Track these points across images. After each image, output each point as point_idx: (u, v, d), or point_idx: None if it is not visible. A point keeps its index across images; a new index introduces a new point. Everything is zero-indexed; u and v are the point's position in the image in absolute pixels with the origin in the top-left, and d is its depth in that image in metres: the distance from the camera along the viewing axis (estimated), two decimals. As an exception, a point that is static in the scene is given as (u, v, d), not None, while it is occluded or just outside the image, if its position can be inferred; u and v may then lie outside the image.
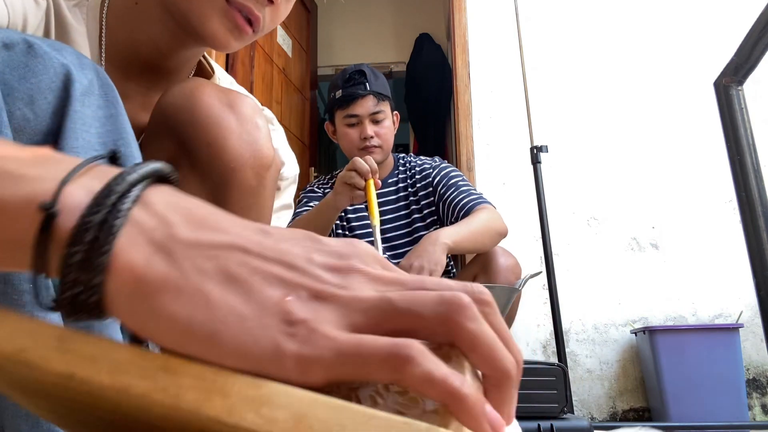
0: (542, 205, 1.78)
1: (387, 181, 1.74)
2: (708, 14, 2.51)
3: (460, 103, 2.52)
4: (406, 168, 1.76)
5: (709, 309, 2.24)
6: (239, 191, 0.64)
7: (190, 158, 0.64)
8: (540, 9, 2.57)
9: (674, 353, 1.91)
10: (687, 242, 2.31)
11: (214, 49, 0.68)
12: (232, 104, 0.64)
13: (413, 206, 1.71)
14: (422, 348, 0.23)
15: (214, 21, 0.64)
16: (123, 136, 0.53)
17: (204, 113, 0.63)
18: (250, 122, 0.65)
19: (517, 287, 1.15)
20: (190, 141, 0.63)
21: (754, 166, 1.03)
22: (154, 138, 0.67)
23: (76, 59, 0.51)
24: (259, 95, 2.71)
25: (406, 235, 1.71)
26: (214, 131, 0.62)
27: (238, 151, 0.63)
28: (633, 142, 2.43)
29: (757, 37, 0.98)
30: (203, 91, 0.64)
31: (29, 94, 0.46)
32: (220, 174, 0.63)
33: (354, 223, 1.72)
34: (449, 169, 1.73)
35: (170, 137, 0.65)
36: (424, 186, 1.71)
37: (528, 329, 2.26)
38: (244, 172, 0.63)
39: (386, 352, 0.22)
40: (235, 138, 0.63)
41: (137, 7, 0.67)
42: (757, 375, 2.16)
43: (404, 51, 3.83)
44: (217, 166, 0.63)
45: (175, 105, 0.64)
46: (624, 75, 2.50)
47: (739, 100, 1.05)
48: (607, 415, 2.17)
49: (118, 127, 0.53)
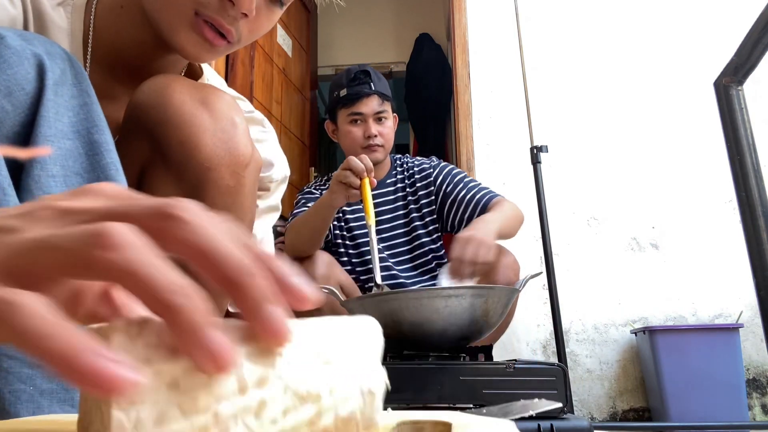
0: (542, 205, 1.79)
1: (385, 182, 1.74)
2: (708, 14, 2.51)
3: (460, 103, 2.53)
4: (404, 169, 1.77)
5: (709, 309, 2.24)
6: (216, 191, 0.61)
7: (164, 158, 0.62)
8: (540, 9, 2.57)
9: (674, 353, 1.91)
10: (687, 242, 2.31)
11: (187, 59, 0.67)
12: (206, 101, 0.62)
13: (411, 206, 1.71)
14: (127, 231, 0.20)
15: (182, 33, 0.63)
16: (96, 123, 0.53)
17: (176, 111, 0.60)
18: (225, 119, 0.62)
19: (517, 287, 1.15)
20: (163, 140, 0.61)
21: (754, 166, 1.03)
22: (129, 137, 0.65)
23: (46, 48, 0.51)
24: (259, 95, 2.71)
25: (405, 235, 1.72)
26: (186, 129, 0.60)
27: (213, 149, 0.61)
28: (633, 142, 2.43)
29: (757, 37, 0.98)
30: (175, 88, 0.62)
31: (6, 86, 0.46)
32: (195, 174, 0.60)
33: (352, 224, 1.72)
34: (450, 167, 1.74)
35: (143, 136, 0.63)
36: (425, 186, 1.71)
37: (528, 329, 2.27)
38: (219, 172, 0.61)
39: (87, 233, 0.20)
40: (209, 136, 0.61)
41: (122, 10, 0.67)
42: (757, 375, 2.16)
43: (404, 51, 3.84)
44: (191, 166, 0.60)
45: (147, 103, 0.62)
46: (624, 75, 2.50)
47: (739, 100, 1.05)
48: (607, 415, 2.18)
49: (92, 116, 0.53)
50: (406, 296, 1.05)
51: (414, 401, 0.99)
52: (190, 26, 0.62)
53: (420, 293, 1.06)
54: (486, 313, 1.07)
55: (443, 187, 1.68)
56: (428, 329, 1.05)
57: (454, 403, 1.01)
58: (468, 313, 1.05)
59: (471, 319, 1.06)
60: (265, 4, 0.66)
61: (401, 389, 0.99)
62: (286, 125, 3.01)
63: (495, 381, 0.99)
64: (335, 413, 0.25)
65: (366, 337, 0.28)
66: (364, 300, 1.12)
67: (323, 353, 0.26)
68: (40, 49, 0.50)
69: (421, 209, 1.70)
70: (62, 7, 0.66)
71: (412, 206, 1.71)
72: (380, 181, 1.72)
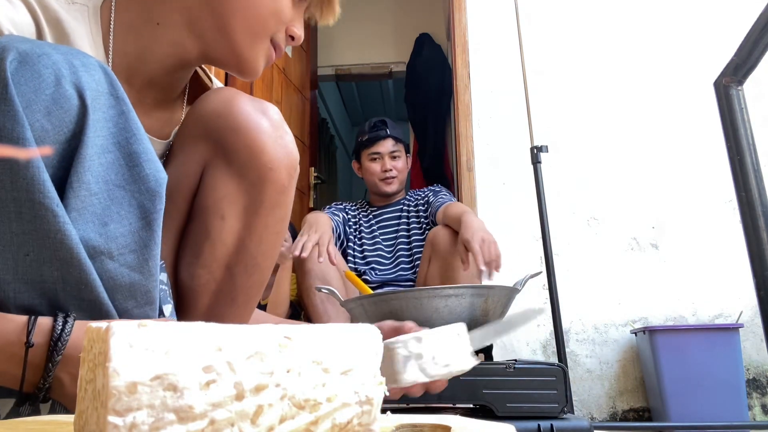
0: (542, 205, 1.78)
1: (398, 201, 2.16)
2: (708, 14, 2.51)
3: (460, 103, 2.52)
4: (413, 196, 2.16)
5: (709, 309, 2.24)
6: (274, 189, 0.70)
7: (227, 159, 0.69)
8: (540, 9, 2.57)
9: (674, 353, 1.91)
10: (687, 242, 2.31)
11: (241, 78, 0.75)
12: (265, 111, 0.71)
13: (403, 227, 2.08)
14: None
15: (259, 54, 0.72)
16: (134, 132, 0.55)
17: (242, 118, 0.68)
18: (281, 128, 0.71)
19: (517, 287, 1.14)
20: (228, 144, 0.68)
21: (754, 166, 1.03)
22: (189, 141, 0.72)
23: (82, 61, 0.52)
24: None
25: (405, 237, 2.06)
26: (252, 135, 0.68)
27: (275, 153, 0.69)
28: (633, 142, 2.43)
29: (757, 37, 0.98)
30: (240, 99, 0.69)
31: (45, 105, 0.48)
32: (258, 173, 0.69)
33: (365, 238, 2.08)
34: (438, 188, 2.13)
35: (206, 140, 0.70)
36: (425, 203, 2.08)
37: (528, 329, 2.26)
38: (279, 172, 0.70)
39: None
40: (272, 142, 0.69)
41: (158, 26, 0.69)
42: (757, 375, 2.15)
43: (404, 51, 3.83)
44: (255, 167, 0.68)
45: (215, 111, 0.69)
46: (624, 75, 2.49)
47: (739, 100, 1.05)
48: (607, 415, 2.17)
49: (129, 125, 0.55)
50: (405, 296, 1.05)
51: (414, 401, 0.99)
52: (265, 50, 0.73)
53: (420, 293, 1.06)
54: (486, 313, 1.07)
55: (429, 199, 2.07)
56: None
57: (454, 403, 1.01)
58: (468, 312, 1.05)
59: (471, 318, 1.05)
60: None
61: (401, 390, 0.98)
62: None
63: (495, 381, 0.99)
64: (332, 421, 0.25)
65: (365, 345, 0.28)
66: (363, 300, 1.12)
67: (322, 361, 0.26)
68: (77, 63, 0.51)
69: (411, 230, 2.07)
70: (77, 9, 0.66)
71: (403, 227, 2.10)
72: (392, 202, 2.16)
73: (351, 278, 1.39)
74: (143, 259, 0.55)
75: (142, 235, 0.55)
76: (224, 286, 0.70)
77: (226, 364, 0.24)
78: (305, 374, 0.25)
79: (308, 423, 0.24)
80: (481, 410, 1.00)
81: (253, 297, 0.74)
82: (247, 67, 0.72)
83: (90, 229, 0.51)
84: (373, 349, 0.28)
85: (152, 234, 0.55)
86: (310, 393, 0.24)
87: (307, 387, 0.25)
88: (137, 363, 0.21)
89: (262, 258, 0.72)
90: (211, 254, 0.70)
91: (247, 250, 0.70)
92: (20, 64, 0.47)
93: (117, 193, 0.53)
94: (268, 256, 0.73)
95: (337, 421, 0.25)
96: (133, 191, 0.54)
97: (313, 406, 0.24)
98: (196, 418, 0.21)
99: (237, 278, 0.71)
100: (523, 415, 0.97)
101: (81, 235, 0.50)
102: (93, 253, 0.51)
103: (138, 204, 0.54)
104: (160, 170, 0.57)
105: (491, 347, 1.23)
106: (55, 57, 0.49)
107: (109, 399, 0.20)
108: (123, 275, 0.54)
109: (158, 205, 0.56)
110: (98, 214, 0.51)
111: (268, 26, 0.71)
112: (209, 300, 0.70)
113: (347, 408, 0.26)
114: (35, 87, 0.47)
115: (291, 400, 0.24)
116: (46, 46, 0.50)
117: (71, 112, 0.49)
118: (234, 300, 0.71)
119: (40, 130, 0.47)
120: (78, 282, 0.50)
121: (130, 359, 0.21)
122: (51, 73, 0.48)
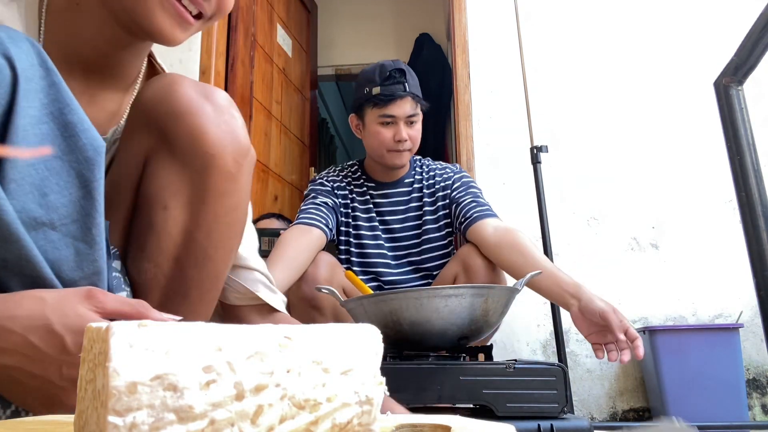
0: (542, 205, 1.78)
1: (403, 180, 1.73)
2: (708, 14, 2.51)
3: (460, 103, 2.52)
4: (422, 170, 1.76)
5: (709, 309, 2.24)
6: (219, 176, 0.66)
7: (170, 147, 0.66)
8: (540, 9, 2.57)
9: (674, 353, 1.91)
10: (687, 242, 2.31)
11: (162, 44, 0.69)
12: (209, 95, 0.67)
13: (426, 207, 1.69)
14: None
15: (156, 15, 0.65)
16: (68, 103, 0.54)
17: (183, 103, 0.65)
18: (226, 112, 0.68)
19: (517, 287, 1.14)
20: (170, 130, 0.65)
21: (754, 166, 1.03)
22: (133, 131, 0.69)
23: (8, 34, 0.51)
24: (259, 95, 2.71)
25: (414, 228, 1.69)
26: (194, 120, 0.65)
27: (218, 138, 0.66)
28: (633, 142, 2.43)
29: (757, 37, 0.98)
30: (181, 84, 0.66)
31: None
32: (201, 160, 0.65)
33: (361, 224, 1.70)
34: (468, 177, 1.74)
35: (149, 129, 0.67)
36: (444, 188, 1.70)
37: (528, 329, 2.26)
38: (224, 158, 0.66)
39: None
40: (214, 126, 0.66)
41: (78, 7, 0.67)
42: (757, 375, 2.15)
43: (404, 51, 3.83)
44: (198, 154, 0.65)
45: (155, 97, 0.66)
46: (624, 75, 2.49)
47: (739, 100, 1.05)
48: (607, 415, 2.17)
49: (62, 95, 0.54)
50: (406, 296, 1.05)
51: (414, 401, 0.99)
52: (161, 6, 0.65)
53: (420, 293, 1.06)
54: (486, 313, 1.07)
55: (455, 191, 1.68)
56: (428, 329, 1.05)
57: (454, 403, 1.01)
58: (468, 312, 1.05)
59: (471, 318, 1.05)
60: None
61: (401, 389, 0.98)
62: (286, 125, 3.01)
63: (495, 381, 0.99)
64: (332, 421, 0.25)
65: (365, 345, 0.28)
66: (363, 300, 1.12)
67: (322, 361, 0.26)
68: (3, 35, 0.50)
69: (438, 211, 1.69)
70: (15, 3, 0.65)
71: (426, 207, 1.69)
72: (398, 179, 1.72)
73: (351, 278, 1.39)
74: (86, 228, 0.54)
75: (83, 204, 0.54)
76: (174, 281, 0.68)
77: (226, 364, 0.24)
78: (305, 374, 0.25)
79: (308, 423, 0.24)
80: (481, 410, 1.00)
81: (207, 291, 0.70)
82: (150, 27, 0.66)
83: (29, 200, 0.50)
84: (373, 349, 0.28)
85: (93, 202, 0.55)
86: (310, 393, 0.24)
87: (307, 387, 0.25)
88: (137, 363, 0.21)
89: (213, 250, 0.68)
90: (156, 247, 0.67)
91: (196, 241, 0.67)
92: None
93: (54, 163, 0.52)
94: (220, 247, 0.69)
95: (337, 421, 0.25)
96: (71, 161, 0.53)
97: (313, 406, 0.24)
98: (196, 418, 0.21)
99: (187, 271, 0.67)
100: (523, 415, 0.97)
101: (21, 206, 0.50)
102: (34, 224, 0.51)
103: (77, 173, 0.54)
104: (96, 138, 0.55)
105: (491, 347, 1.23)
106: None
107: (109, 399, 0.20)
108: (67, 245, 0.53)
109: (97, 173, 0.55)
110: (36, 185, 0.51)
111: None
112: (159, 295, 0.68)
113: (347, 408, 0.26)
114: None
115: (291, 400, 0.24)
116: None
117: (3, 82, 0.49)
118: (186, 295, 0.68)
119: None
120: (18, 258, 0.50)
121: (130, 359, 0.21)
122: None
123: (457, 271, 1.56)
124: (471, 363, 1.05)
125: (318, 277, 1.49)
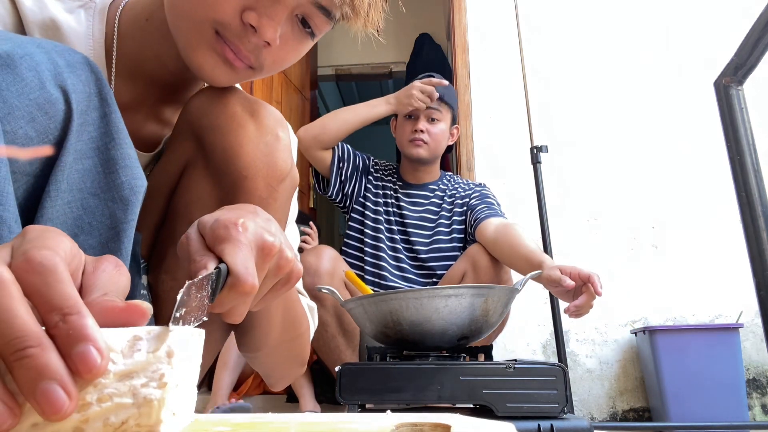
0: (542, 205, 1.78)
1: (428, 185, 1.85)
2: (708, 14, 2.51)
3: (460, 103, 2.52)
4: (449, 182, 1.87)
5: (709, 309, 2.24)
6: (248, 200, 0.61)
7: (206, 161, 0.63)
8: (540, 9, 2.57)
9: (674, 353, 1.91)
10: (687, 242, 2.31)
11: (204, 81, 0.66)
12: (255, 113, 0.63)
13: (443, 212, 1.80)
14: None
15: (199, 51, 0.60)
16: (114, 137, 0.52)
17: (225, 118, 0.62)
18: (270, 133, 0.63)
19: (517, 287, 1.14)
20: (208, 144, 0.63)
21: (754, 166, 1.03)
22: (177, 138, 0.67)
23: (66, 59, 0.49)
24: (259, 95, 2.71)
25: (427, 228, 1.79)
26: (231, 137, 0.61)
27: (252, 159, 0.61)
28: (633, 142, 2.43)
29: (757, 37, 0.98)
30: (229, 97, 0.63)
31: (29, 111, 0.45)
32: (232, 180, 0.62)
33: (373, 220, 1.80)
34: (488, 191, 1.83)
35: (192, 138, 0.64)
36: (462, 197, 1.81)
37: (528, 329, 2.26)
38: (255, 181, 0.62)
39: None
40: (252, 146, 0.62)
41: (147, 23, 0.65)
42: (757, 375, 2.15)
43: (404, 51, 3.83)
44: (230, 172, 0.61)
45: (201, 108, 0.64)
46: (624, 75, 2.50)
47: (739, 100, 1.05)
48: (607, 415, 2.17)
49: (110, 129, 0.52)
50: (406, 296, 1.05)
51: (414, 401, 0.99)
52: (209, 45, 0.60)
53: (420, 293, 1.06)
54: (486, 313, 1.07)
55: (471, 200, 1.79)
56: (428, 329, 1.05)
57: (454, 403, 1.01)
58: (468, 312, 1.05)
59: (471, 318, 1.05)
60: (293, 33, 0.63)
61: (401, 389, 0.98)
62: (286, 125, 3.00)
63: (495, 381, 0.98)
64: (104, 422, 0.26)
65: (153, 345, 0.28)
66: (363, 300, 1.12)
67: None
68: (61, 62, 0.48)
69: (451, 217, 1.79)
70: (83, 10, 0.64)
71: (443, 213, 1.80)
72: (424, 183, 1.85)
73: (351, 278, 1.39)
74: None
75: (111, 247, 0.52)
76: None
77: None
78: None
79: (76, 422, 0.25)
80: (481, 410, 1.00)
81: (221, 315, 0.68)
82: (192, 65, 0.62)
83: None
84: (164, 350, 0.28)
85: (119, 245, 0.53)
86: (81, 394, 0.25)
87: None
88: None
89: None
90: (174, 261, 0.65)
91: None
92: (1, 68, 0.44)
93: (90, 202, 0.51)
94: None
95: (111, 421, 0.26)
96: (107, 199, 0.52)
97: (82, 407, 0.25)
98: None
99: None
100: (523, 415, 0.97)
101: None
102: None
103: (110, 213, 0.52)
104: (137, 177, 0.53)
105: (491, 347, 1.23)
106: (38, 57, 0.46)
107: None
108: None
109: (130, 215, 0.53)
110: (69, 225, 0.49)
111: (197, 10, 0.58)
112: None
113: (123, 409, 0.26)
114: (18, 92, 0.44)
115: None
116: (28, 45, 0.47)
117: (56, 118, 0.47)
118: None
119: (24, 137, 0.45)
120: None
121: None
122: (34, 76, 0.45)
123: (465, 268, 1.62)
124: (471, 363, 1.05)
125: (320, 270, 1.52)
